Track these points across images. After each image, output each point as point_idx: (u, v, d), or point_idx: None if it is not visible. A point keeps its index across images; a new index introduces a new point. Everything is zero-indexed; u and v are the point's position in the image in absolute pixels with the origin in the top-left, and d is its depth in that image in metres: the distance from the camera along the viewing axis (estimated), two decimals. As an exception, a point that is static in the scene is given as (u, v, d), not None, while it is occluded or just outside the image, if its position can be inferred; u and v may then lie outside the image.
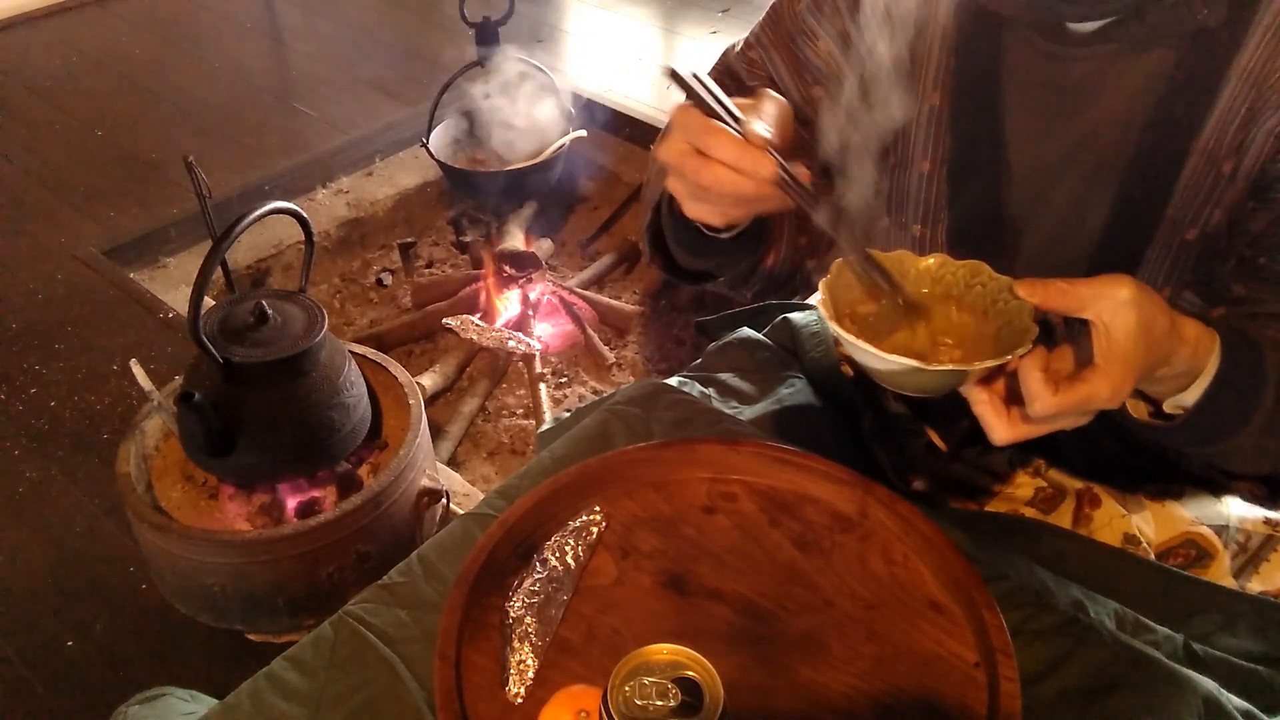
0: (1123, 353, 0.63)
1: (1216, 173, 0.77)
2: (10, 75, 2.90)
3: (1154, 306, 0.65)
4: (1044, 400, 0.64)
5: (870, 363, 0.69)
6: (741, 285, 0.95)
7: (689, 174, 0.69)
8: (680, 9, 3.25)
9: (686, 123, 0.68)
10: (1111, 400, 0.64)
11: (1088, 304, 0.64)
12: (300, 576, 1.32)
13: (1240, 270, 0.79)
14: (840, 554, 0.83)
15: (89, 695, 1.37)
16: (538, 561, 0.82)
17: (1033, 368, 0.64)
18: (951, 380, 0.68)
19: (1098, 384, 0.63)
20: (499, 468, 1.89)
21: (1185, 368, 0.70)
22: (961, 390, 0.69)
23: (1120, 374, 0.64)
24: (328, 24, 3.23)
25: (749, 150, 0.66)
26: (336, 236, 2.39)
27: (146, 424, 1.43)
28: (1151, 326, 0.64)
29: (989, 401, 0.68)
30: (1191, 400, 0.71)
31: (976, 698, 0.72)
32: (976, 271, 0.73)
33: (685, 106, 0.69)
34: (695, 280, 0.95)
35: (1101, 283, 0.64)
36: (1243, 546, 0.91)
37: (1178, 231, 0.80)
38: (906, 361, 0.65)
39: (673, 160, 0.69)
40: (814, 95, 0.91)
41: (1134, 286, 0.64)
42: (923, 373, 0.66)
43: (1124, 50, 0.78)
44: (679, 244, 0.88)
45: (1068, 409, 0.64)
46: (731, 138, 0.67)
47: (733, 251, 0.85)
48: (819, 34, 0.90)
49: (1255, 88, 0.74)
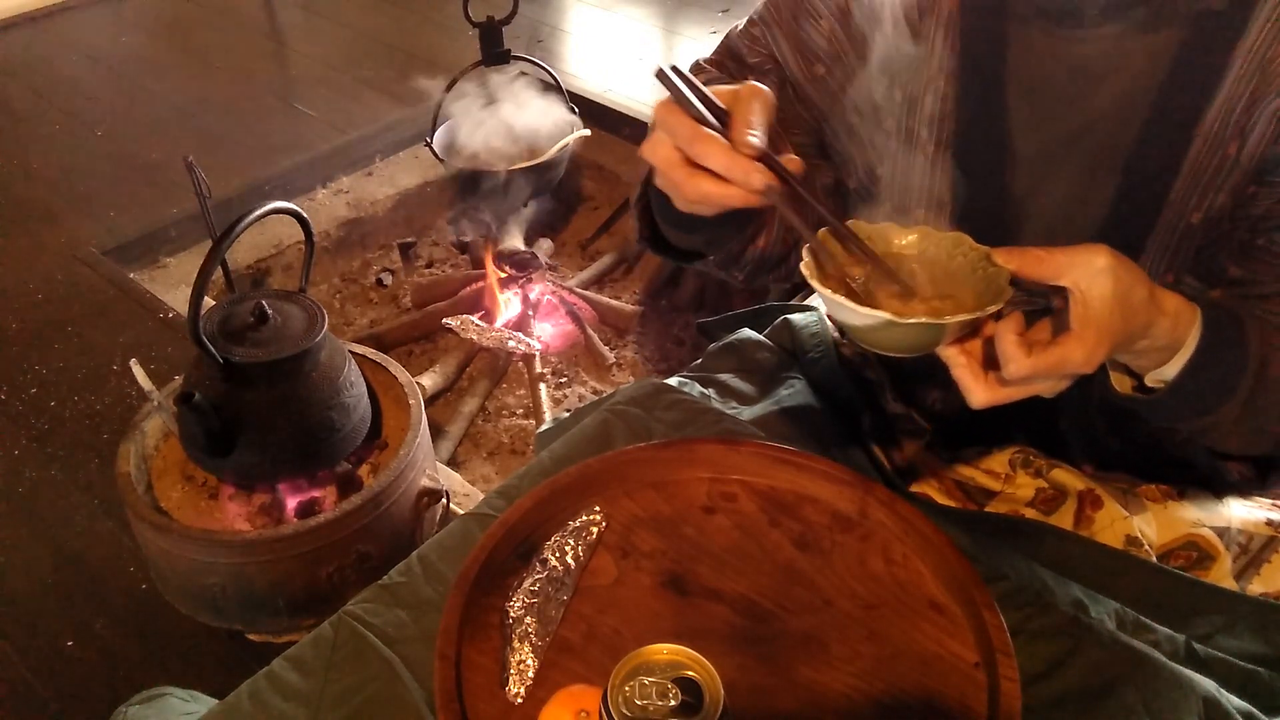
0: (1098, 319, 0.64)
1: (1221, 156, 0.77)
2: (10, 75, 2.90)
3: (1131, 276, 0.65)
4: (1018, 362, 0.64)
5: (847, 318, 0.69)
6: (733, 266, 0.94)
7: (678, 184, 0.68)
8: (680, 9, 3.25)
9: (674, 127, 0.67)
10: (1085, 365, 0.65)
11: (1064, 271, 0.65)
12: (300, 576, 1.32)
13: (1239, 252, 0.79)
14: (840, 554, 0.83)
15: (89, 695, 1.37)
16: (538, 561, 0.82)
17: (1007, 330, 0.65)
18: (926, 335, 0.68)
19: (1072, 348, 0.64)
20: (499, 468, 1.89)
21: (1166, 341, 0.70)
22: (939, 352, 0.70)
23: (1095, 340, 0.64)
24: (328, 24, 3.23)
25: (739, 161, 0.65)
26: (336, 236, 2.39)
27: (146, 424, 1.43)
28: (1128, 295, 0.65)
29: (966, 365, 0.69)
30: (1172, 374, 0.72)
31: (976, 698, 0.72)
32: (958, 242, 0.74)
33: (668, 105, 0.67)
34: (685, 259, 0.95)
35: (1078, 250, 0.65)
36: (1244, 548, 0.91)
37: (1182, 215, 0.80)
38: (881, 315, 0.66)
39: (660, 166, 0.69)
40: (816, 74, 0.91)
41: (1110, 255, 0.64)
42: (896, 326, 0.66)
43: (1129, 32, 0.78)
44: (665, 220, 0.88)
45: (1042, 372, 0.65)
46: (721, 146, 0.65)
47: (719, 229, 0.85)
48: (822, 13, 0.90)
49: (1259, 71, 0.74)
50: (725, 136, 0.66)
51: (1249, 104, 0.75)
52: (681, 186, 0.68)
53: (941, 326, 0.67)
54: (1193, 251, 0.81)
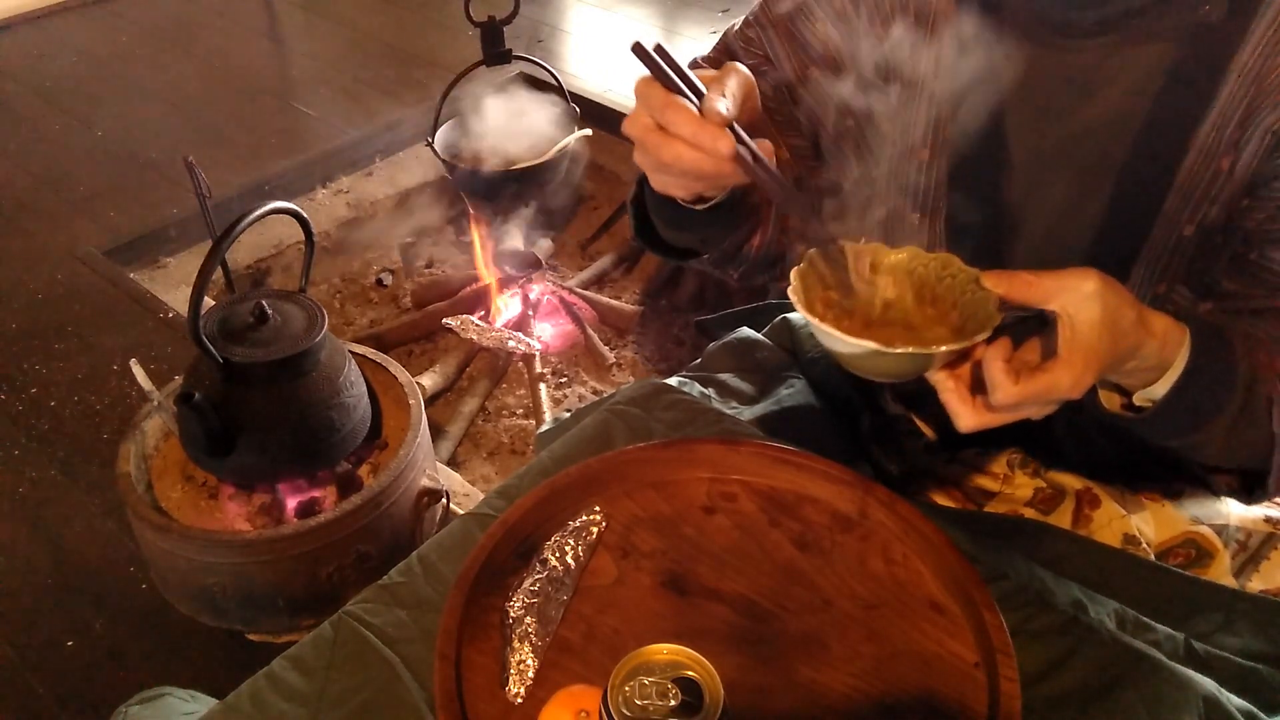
0: (1085, 344, 0.64)
1: (1214, 169, 0.77)
2: (10, 75, 2.90)
3: (1119, 299, 0.66)
4: (1005, 389, 0.65)
5: (834, 346, 0.69)
6: (727, 264, 0.95)
7: (651, 149, 0.69)
8: (680, 9, 3.25)
9: (647, 96, 0.68)
10: (1072, 390, 0.65)
11: (1052, 296, 0.65)
12: (300, 576, 1.32)
13: (1231, 265, 0.79)
14: (840, 554, 0.83)
15: (89, 695, 1.37)
16: (538, 561, 0.82)
17: (995, 357, 0.65)
18: (913, 364, 0.68)
19: (1059, 374, 0.64)
20: (499, 468, 1.89)
21: (1155, 361, 0.70)
22: (928, 377, 0.70)
23: (1082, 365, 0.64)
24: (328, 24, 3.23)
25: (706, 127, 0.66)
26: (336, 236, 2.39)
27: (146, 424, 1.43)
28: (1117, 319, 0.65)
29: (954, 389, 0.69)
30: (1160, 393, 0.72)
31: (976, 698, 0.72)
32: (947, 264, 0.74)
33: (647, 80, 0.68)
34: (680, 257, 0.95)
35: (1067, 275, 0.65)
36: (1243, 545, 0.91)
37: (1175, 227, 0.80)
38: (868, 345, 0.66)
39: (635, 134, 0.70)
40: (811, 76, 0.91)
41: (1099, 280, 0.64)
42: (884, 356, 0.66)
43: (1125, 43, 0.78)
44: (658, 217, 0.88)
45: (1029, 398, 0.65)
46: (690, 114, 0.66)
47: (710, 225, 0.85)
48: (817, 15, 0.90)
49: (1255, 85, 0.74)
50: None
51: (1243, 118, 0.75)
52: (656, 151, 0.68)
53: (928, 356, 0.67)
54: (1185, 263, 0.81)
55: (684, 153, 0.67)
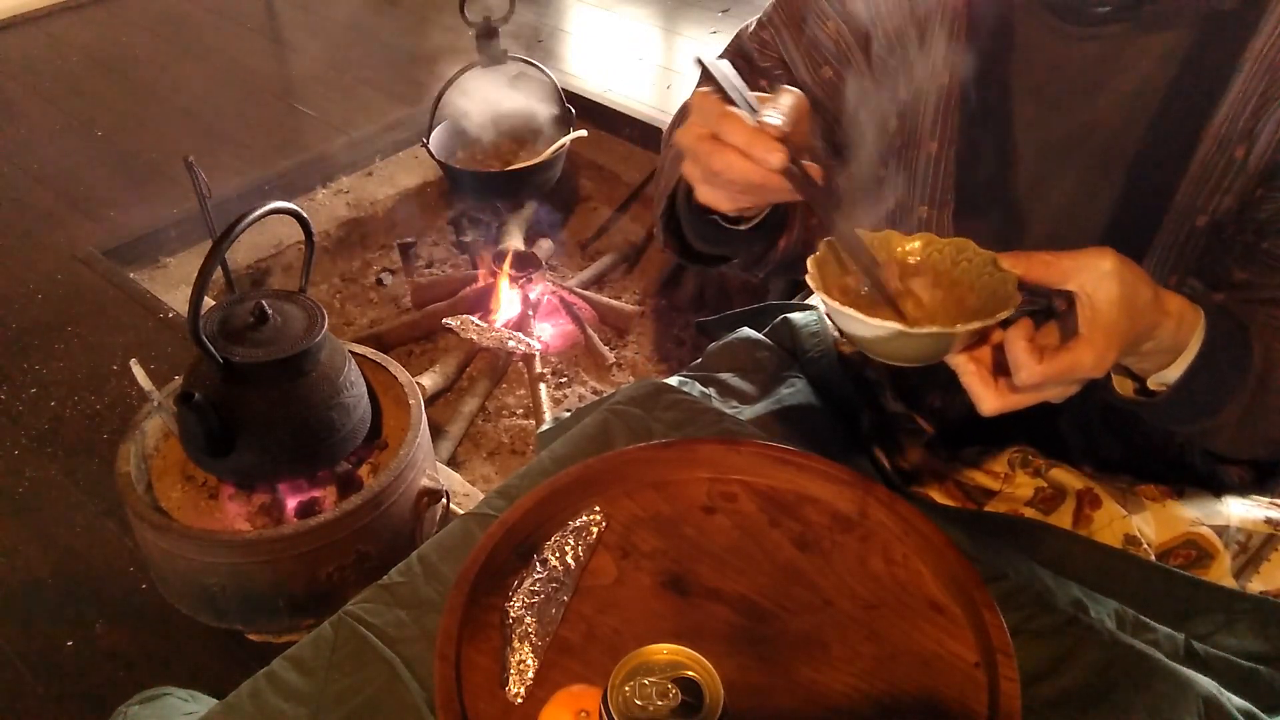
0: (1106, 322, 0.64)
1: (1228, 158, 0.77)
2: (10, 75, 2.90)
3: (1136, 278, 0.66)
4: (1029, 369, 0.64)
5: (856, 329, 0.69)
6: (755, 267, 0.96)
7: (702, 157, 0.69)
8: (680, 9, 3.25)
9: (704, 107, 0.69)
10: (1096, 369, 0.65)
11: (1070, 275, 0.65)
12: (300, 576, 1.32)
13: (1244, 256, 0.79)
14: (840, 554, 0.83)
15: (89, 695, 1.37)
16: (538, 561, 0.82)
17: (1018, 337, 0.65)
18: (936, 345, 0.68)
19: (1082, 353, 0.64)
20: (499, 468, 1.89)
21: (1170, 343, 0.70)
22: (948, 360, 0.69)
23: (1104, 343, 0.64)
24: (328, 24, 3.23)
25: (760, 138, 0.67)
26: (336, 236, 2.39)
27: (146, 424, 1.43)
28: (1134, 297, 0.65)
29: (976, 372, 0.68)
30: (1174, 377, 0.72)
31: (976, 698, 0.72)
32: (962, 248, 0.74)
33: (704, 92, 0.70)
34: (710, 263, 0.96)
35: (1084, 254, 0.65)
36: (1243, 546, 0.91)
37: (1187, 217, 0.79)
38: (891, 325, 0.66)
39: (688, 143, 0.70)
40: (824, 76, 0.92)
41: (1116, 258, 0.65)
42: (907, 336, 0.66)
43: (1137, 31, 0.78)
44: (695, 235, 0.89)
45: (1053, 377, 0.65)
46: (745, 124, 0.67)
47: (750, 241, 0.86)
48: (830, 14, 0.90)
49: (1269, 73, 0.74)
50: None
51: (1258, 106, 0.75)
52: (707, 159, 0.69)
53: (951, 335, 0.66)
54: (1198, 254, 0.80)
55: (735, 162, 0.68)
